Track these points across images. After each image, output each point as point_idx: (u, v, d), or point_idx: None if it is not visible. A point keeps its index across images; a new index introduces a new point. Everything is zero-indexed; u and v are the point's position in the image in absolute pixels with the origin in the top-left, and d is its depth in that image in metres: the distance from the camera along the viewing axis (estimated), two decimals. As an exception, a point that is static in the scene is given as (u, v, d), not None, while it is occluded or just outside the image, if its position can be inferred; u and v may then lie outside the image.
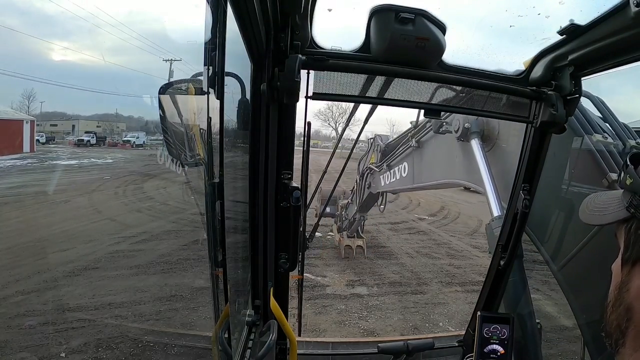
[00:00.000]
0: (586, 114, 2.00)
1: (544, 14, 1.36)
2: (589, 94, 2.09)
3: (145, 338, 4.56)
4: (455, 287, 7.95)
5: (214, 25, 0.84)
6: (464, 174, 3.17)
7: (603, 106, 2.18)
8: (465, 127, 2.93)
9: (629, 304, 0.55)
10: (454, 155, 3.36)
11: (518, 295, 2.05)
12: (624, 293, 0.56)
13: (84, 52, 28.45)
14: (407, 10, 1.28)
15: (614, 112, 2.16)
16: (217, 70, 0.86)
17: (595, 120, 2.01)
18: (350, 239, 9.08)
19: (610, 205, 0.62)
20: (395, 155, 5.40)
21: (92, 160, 16.06)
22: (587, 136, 1.89)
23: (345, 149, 4.30)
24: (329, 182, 3.48)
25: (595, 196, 0.70)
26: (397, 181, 5.39)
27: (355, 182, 7.58)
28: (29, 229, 7.24)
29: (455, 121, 3.06)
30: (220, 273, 1.01)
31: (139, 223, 8.74)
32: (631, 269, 0.56)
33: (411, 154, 4.82)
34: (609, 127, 2.08)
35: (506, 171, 2.46)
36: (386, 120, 38.24)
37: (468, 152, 2.95)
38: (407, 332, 6.02)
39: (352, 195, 8.17)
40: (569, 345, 3.14)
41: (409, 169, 4.96)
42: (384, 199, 7.17)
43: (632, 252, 0.56)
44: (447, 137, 3.47)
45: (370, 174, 6.60)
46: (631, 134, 2.11)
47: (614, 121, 2.11)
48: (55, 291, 5.36)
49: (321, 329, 5.92)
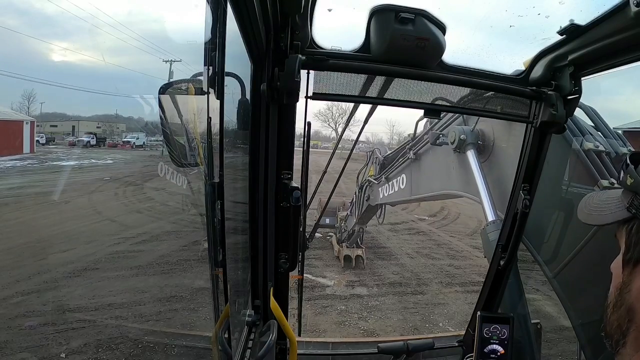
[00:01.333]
0: (577, 122, 2.04)
1: (544, 14, 1.36)
2: (581, 104, 2.11)
3: (145, 338, 4.56)
4: (455, 287, 7.95)
5: (214, 25, 0.84)
6: (460, 184, 3.20)
7: (595, 115, 2.20)
8: (461, 139, 2.94)
9: (630, 305, 0.55)
10: (450, 167, 3.39)
11: (518, 295, 2.06)
12: (625, 294, 0.56)
13: (84, 53, 28.45)
14: (407, 10, 1.28)
15: (605, 121, 2.20)
16: (217, 70, 0.86)
17: (586, 129, 2.04)
18: (349, 249, 9.11)
19: (610, 205, 0.61)
20: (394, 168, 5.44)
21: (92, 161, 16.07)
22: (579, 143, 1.92)
23: (345, 149, 4.30)
24: (329, 183, 3.47)
25: (594, 195, 0.69)
26: (396, 193, 5.43)
27: (354, 195, 7.60)
28: (29, 229, 7.24)
29: (452, 133, 3.08)
30: (220, 273, 1.01)
31: (139, 224, 8.74)
32: (632, 270, 0.55)
33: (409, 166, 4.87)
34: (601, 135, 2.10)
35: (501, 180, 2.48)
36: (386, 121, 38.27)
37: (464, 163, 2.97)
38: (407, 332, 6.02)
39: (351, 207, 8.20)
40: (568, 345, 3.15)
41: (406, 181, 5.01)
42: (383, 210, 7.20)
43: (633, 253, 0.55)
44: (443, 149, 3.50)
45: (369, 186, 6.63)
46: (623, 142, 2.13)
47: (605, 129, 2.14)
48: (56, 292, 5.36)
49: (321, 329, 5.92)
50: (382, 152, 6.65)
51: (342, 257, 9.08)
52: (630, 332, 0.54)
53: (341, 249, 9.20)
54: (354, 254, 9.02)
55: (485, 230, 2.30)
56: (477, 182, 2.63)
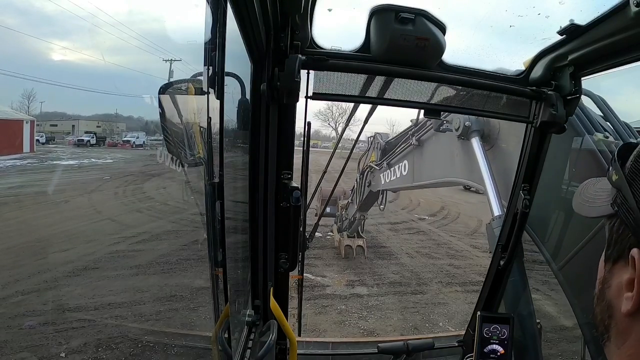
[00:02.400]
0: (587, 113, 1.98)
1: (544, 14, 1.36)
2: (590, 93, 2.08)
3: (145, 338, 4.56)
4: (455, 287, 7.95)
5: (214, 25, 0.84)
6: (464, 172, 3.17)
7: (604, 105, 2.17)
8: (465, 126, 2.93)
9: (609, 302, 0.56)
10: (454, 154, 3.35)
11: (518, 295, 2.05)
12: (606, 289, 0.57)
13: (84, 52, 28.42)
14: (407, 10, 1.28)
15: (614, 111, 2.15)
16: (217, 70, 0.86)
17: (596, 119, 2.00)
18: (350, 239, 9.04)
19: (599, 198, 0.60)
20: (396, 154, 5.38)
21: (92, 161, 16.07)
22: (589, 136, 1.89)
23: (345, 149, 4.30)
24: (329, 182, 3.48)
25: (589, 184, 0.68)
26: (398, 179, 5.38)
27: (355, 181, 7.57)
28: (29, 229, 7.24)
29: (456, 119, 3.06)
30: (220, 273, 1.02)
31: (139, 223, 8.74)
32: (612, 268, 0.56)
33: (411, 152, 4.81)
34: (610, 125, 2.07)
35: (507, 170, 2.45)
36: (386, 121, 38.21)
37: (468, 151, 2.94)
38: (407, 332, 6.02)
39: (352, 194, 8.15)
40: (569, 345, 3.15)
41: (409, 167, 4.94)
42: (384, 197, 7.15)
43: (612, 251, 0.56)
44: (447, 135, 3.46)
45: (371, 172, 6.59)
46: (632, 132, 2.10)
47: (615, 120, 2.10)
48: (55, 291, 5.35)
49: (321, 329, 5.92)
50: (383, 138, 6.61)
51: (342, 248, 8.97)
52: (612, 328, 0.55)
53: (342, 238, 9.07)
54: (355, 244, 8.91)
55: (491, 225, 2.28)
56: (481, 171, 2.61)
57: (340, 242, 9.17)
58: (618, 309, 0.53)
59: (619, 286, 0.53)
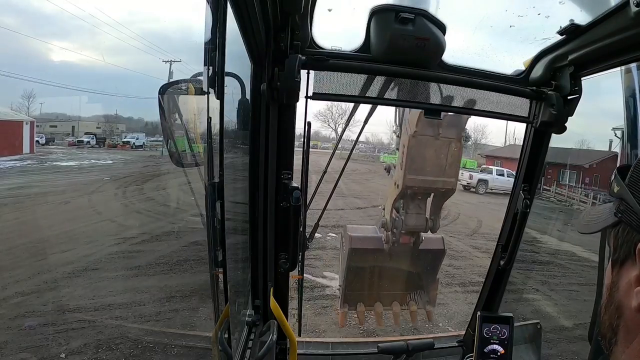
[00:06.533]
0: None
1: (544, 14, 1.36)
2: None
3: (145, 339, 4.56)
4: (455, 287, 7.94)
5: (214, 25, 0.84)
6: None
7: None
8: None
9: (619, 302, 0.58)
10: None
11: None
12: (615, 292, 0.59)
13: (84, 53, 28.52)
14: (407, 10, 1.28)
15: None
16: (217, 70, 0.86)
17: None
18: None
19: (603, 215, 0.65)
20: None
21: (92, 162, 16.07)
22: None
23: (345, 149, 4.28)
24: (329, 183, 3.47)
25: (590, 209, 0.76)
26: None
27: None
28: (29, 230, 7.24)
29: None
30: (220, 273, 1.01)
31: (139, 224, 8.73)
32: (620, 270, 0.59)
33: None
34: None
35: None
36: (386, 121, 38.21)
37: None
38: (407, 332, 6.02)
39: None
40: (568, 345, 3.15)
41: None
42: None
43: (619, 254, 0.59)
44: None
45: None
46: None
47: None
48: (55, 292, 5.35)
49: (321, 329, 5.91)
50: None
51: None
52: (620, 328, 0.58)
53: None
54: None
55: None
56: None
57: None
58: (628, 307, 0.55)
59: (628, 284, 0.56)
